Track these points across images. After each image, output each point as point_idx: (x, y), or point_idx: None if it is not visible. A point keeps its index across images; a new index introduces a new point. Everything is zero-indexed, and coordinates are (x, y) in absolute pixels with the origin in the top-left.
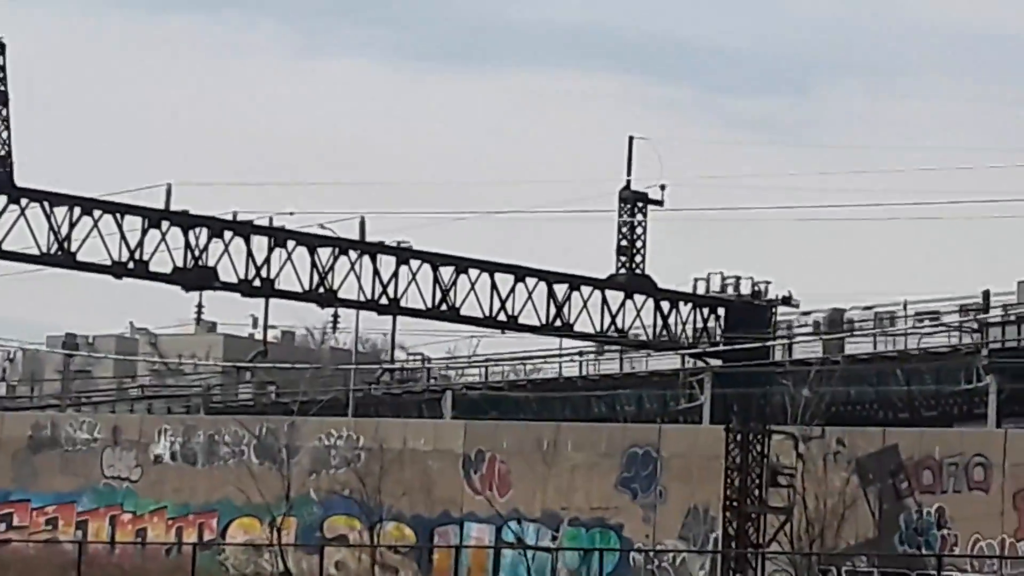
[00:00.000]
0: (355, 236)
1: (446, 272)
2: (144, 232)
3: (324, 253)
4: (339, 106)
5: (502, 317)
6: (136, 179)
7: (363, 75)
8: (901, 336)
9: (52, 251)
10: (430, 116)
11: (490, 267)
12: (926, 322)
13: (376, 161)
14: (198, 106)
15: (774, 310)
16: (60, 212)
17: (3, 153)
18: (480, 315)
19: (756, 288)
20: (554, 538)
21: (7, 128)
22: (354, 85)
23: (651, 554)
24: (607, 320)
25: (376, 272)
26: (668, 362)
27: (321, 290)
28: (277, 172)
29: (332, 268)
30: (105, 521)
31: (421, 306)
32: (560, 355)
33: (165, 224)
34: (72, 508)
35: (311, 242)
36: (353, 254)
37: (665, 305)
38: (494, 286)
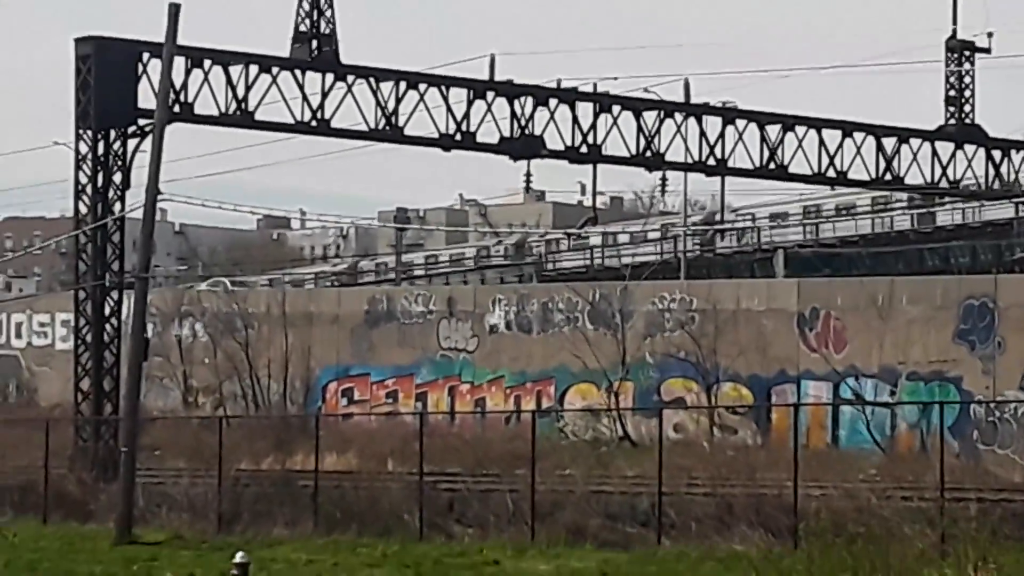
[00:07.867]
0: (680, 98)
1: (772, 130)
2: (470, 104)
3: (649, 117)
4: None
5: (831, 173)
6: (459, 51)
7: None
8: None
9: (380, 126)
10: None
11: (817, 123)
12: None
13: (697, 21)
14: None
15: None
16: (386, 87)
17: (328, 32)
18: (808, 172)
19: None
20: (892, 393)
21: (331, 7)
22: None
23: (992, 406)
24: (938, 171)
25: (702, 133)
26: (1001, 211)
27: (648, 153)
28: (599, 37)
29: (658, 131)
30: (444, 392)
31: (749, 165)
32: (891, 208)
33: (490, 95)
34: (411, 380)
35: (636, 106)
36: (679, 116)
37: (997, 154)
38: (822, 142)
